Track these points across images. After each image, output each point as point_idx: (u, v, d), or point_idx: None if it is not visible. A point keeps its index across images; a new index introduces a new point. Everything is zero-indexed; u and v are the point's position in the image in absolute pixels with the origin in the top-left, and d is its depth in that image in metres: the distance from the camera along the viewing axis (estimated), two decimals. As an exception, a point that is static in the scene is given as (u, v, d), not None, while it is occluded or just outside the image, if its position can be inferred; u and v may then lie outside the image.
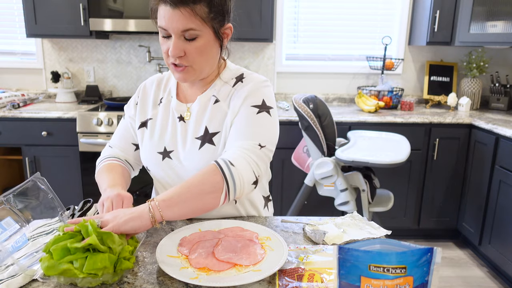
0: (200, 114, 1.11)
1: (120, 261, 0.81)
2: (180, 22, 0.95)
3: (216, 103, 1.10)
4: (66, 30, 2.73)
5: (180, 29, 0.96)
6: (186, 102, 1.14)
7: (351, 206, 2.23)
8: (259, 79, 1.11)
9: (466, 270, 2.55)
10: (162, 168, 1.13)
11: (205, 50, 1.01)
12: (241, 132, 1.03)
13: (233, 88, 1.11)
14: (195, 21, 0.96)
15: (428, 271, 0.66)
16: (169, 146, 1.12)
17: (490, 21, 2.70)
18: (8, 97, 2.78)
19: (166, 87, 1.18)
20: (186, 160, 1.10)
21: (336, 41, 3.19)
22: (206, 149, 1.08)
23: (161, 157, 1.12)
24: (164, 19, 0.97)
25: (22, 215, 0.94)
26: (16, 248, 0.89)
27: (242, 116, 1.05)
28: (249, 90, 1.07)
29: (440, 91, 3.15)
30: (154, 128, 1.15)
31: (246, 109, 1.06)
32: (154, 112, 1.16)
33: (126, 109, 1.23)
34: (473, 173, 2.65)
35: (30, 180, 0.95)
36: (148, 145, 1.14)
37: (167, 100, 1.16)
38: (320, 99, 2.40)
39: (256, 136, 1.03)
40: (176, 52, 0.98)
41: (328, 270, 0.85)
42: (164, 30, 0.99)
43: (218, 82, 1.12)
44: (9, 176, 2.96)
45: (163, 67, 3.13)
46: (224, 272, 0.84)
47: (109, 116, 2.57)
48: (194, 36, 0.98)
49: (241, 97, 1.07)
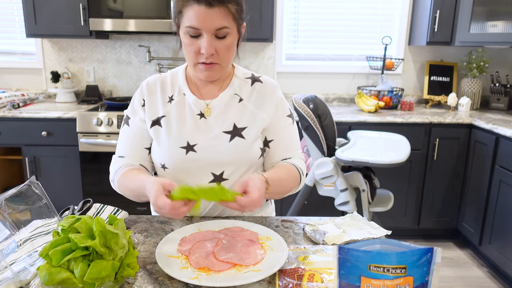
0: (223, 111, 1.15)
1: (123, 267, 0.79)
2: (216, 21, 0.99)
3: (241, 101, 1.17)
4: (66, 30, 2.73)
5: (216, 27, 1.00)
6: (204, 99, 1.16)
7: (351, 206, 2.23)
8: (275, 82, 1.23)
9: (466, 270, 2.55)
10: (185, 162, 1.12)
11: (232, 47, 1.07)
12: (291, 143, 1.21)
13: (252, 88, 1.19)
14: (228, 20, 1.01)
15: (428, 271, 0.66)
16: (192, 140, 1.12)
17: (490, 21, 2.70)
18: (8, 97, 2.78)
19: (174, 85, 1.18)
20: (214, 152, 1.12)
21: (336, 41, 3.19)
22: (236, 142, 1.13)
23: (184, 152, 1.11)
24: (196, 18, 0.99)
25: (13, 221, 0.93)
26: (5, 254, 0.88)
27: (286, 128, 1.20)
28: (278, 98, 1.20)
29: (440, 91, 3.15)
30: (170, 124, 1.13)
31: (283, 120, 1.20)
32: (166, 109, 1.15)
33: (131, 113, 1.18)
34: (473, 173, 2.65)
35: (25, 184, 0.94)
36: (167, 142, 1.12)
37: (179, 98, 1.16)
38: (320, 99, 2.40)
39: (298, 145, 1.24)
40: (210, 51, 1.02)
41: (328, 270, 0.85)
42: (194, 29, 1.00)
43: (235, 81, 1.19)
44: (9, 176, 2.96)
45: (163, 67, 3.13)
46: (224, 272, 0.84)
47: (109, 116, 2.57)
48: (226, 34, 1.02)
49: (272, 104, 1.18)
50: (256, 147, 1.15)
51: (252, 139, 1.14)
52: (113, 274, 0.77)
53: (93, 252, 0.76)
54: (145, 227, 1.09)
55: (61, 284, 0.74)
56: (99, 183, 2.66)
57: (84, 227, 0.79)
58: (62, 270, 0.74)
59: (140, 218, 1.15)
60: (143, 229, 1.08)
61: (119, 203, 1.41)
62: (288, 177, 1.12)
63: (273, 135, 1.19)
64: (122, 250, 0.79)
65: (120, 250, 0.79)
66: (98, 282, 0.75)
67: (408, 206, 2.79)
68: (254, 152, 1.15)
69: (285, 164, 1.17)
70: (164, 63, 3.16)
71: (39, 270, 0.76)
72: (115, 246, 0.78)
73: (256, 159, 1.16)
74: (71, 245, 0.76)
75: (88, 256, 0.76)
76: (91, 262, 0.75)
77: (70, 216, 0.83)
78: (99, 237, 0.77)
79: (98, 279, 0.74)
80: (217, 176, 1.14)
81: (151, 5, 2.61)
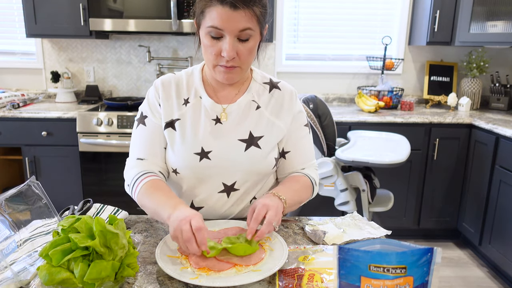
0: (240, 117, 1.12)
1: (123, 267, 0.79)
2: (241, 23, 0.96)
3: (258, 109, 1.14)
4: (66, 30, 2.73)
5: (239, 29, 0.96)
6: (220, 103, 1.12)
7: (351, 206, 2.23)
8: (293, 89, 1.20)
9: (466, 270, 2.55)
10: (198, 169, 1.09)
11: (253, 50, 1.04)
12: (308, 153, 1.20)
13: (270, 94, 1.16)
14: (252, 22, 0.98)
15: (428, 271, 0.66)
16: (206, 147, 1.08)
17: (490, 21, 2.70)
18: (8, 97, 2.78)
19: (190, 87, 1.14)
20: (228, 160, 1.09)
21: (336, 41, 3.19)
22: (252, 151, 1.10)
23: (198, 158, 1.08)
24: (219, 19, 0.95)
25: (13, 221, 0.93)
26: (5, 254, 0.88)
27: (303, 138, 1.19)
28: (296, 107, 1.18)
29: (440, 91, 3.15)
30: (184, 129, 1.10)
31: (300, 130, 1.18)
32: (181, 112, 1.11)
33: (148, 112, 1.13)
34: (473, 173, 2.65)
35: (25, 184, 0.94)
36: (181, 147, 1.09)
37: (195, 101, 1.12)
38: (320, 99, 2.40)
39: (313, 155, 1.23)
40: (232, 54, 0.98)
41: (328, 270, 0.85)
42: (217, 30, 0.97)
43: (253, 86, 1.16)
44: (9, 176, 2.96)
45: (163, 67, 3.13)
46: (224, 272, 0.84)
47: (109, 116, 2.57)
48: (249, 36, 0.99)
49: (290, 113, 1.16)
50: (271, 158, 1.12)
51: (268, 149, 1.11)
52: (113, 274, 0.77)
53: (93, 252, 0.76)
54: (145, 227, 1.09)
55: (61, 284, 0.74)
56: (99, 183, 2.66)
57: (84, 227, 0.79)
58: (62, 270, 0.74)
59: (140, 218, 1.15)
60: (143, 229, 1.08)
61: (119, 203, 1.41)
62: (301, 190, 1.13)
63: (290, 147, 1.17)
64: (122, 250, 0.79)
65: (120, 250, 0.78)
66: (98, 282, 0.75)
67: (408, 206, 2.79)
68: (269, 162, 1.12)
69: (298, 175, 1.16)
70: (164, 63, 3.16)
71: (39, 270, 0.75)
72: (115, 246, 0.77)
73: (270, 169, 1.14)
74: (71, 245, 0.76)
75: (88, 256, 0.76)
76: (91, 262, 0.75)
77: (70, 216, 0.83)
78: (99, 237, 0.76)
79: (98, 279, 0.74)
80: (228, 186, 1.11)
81: (151, 5, 2.61)
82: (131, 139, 1.16)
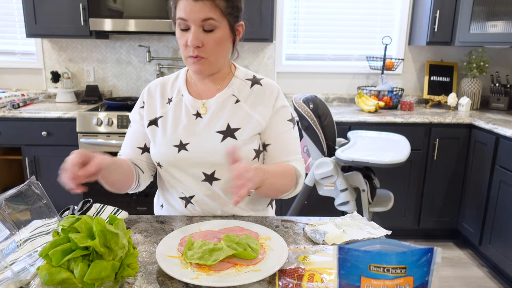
0: (218, 110, 1.16)
1: (123, 267, 0.79)
2: (202, 12, 1.01)
3: (237, 102, 1.17)
4: (66, 30, 2.73)
5: (201, 18, 1.02)
6: (201, 99, 1.18)
7: (351, 206, 2.23)
8: (275, 85, 1.22)
9: (466, 270, 2.55)
10: (177, 161, 1.15)
11: (221, 42, 1.07)
12: (291, 147, 1.20)
13: (251, 90, 1.19)
14: (215, 12, 1.03)
15: (428, 271, 0.65)
16: (185, 139, 1.14)
17: (490, 21, 2.70)
18: (8, 97, 2.78)
19: (174, 87, 1.22)
20: (205, 151, 1.13)
21: (336, 41, 3.19)
22: (228, 142, 1.13)
23: (176, 150, 1.14)
24: (184, 10, 1.02)
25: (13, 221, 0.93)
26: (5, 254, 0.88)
27: (282, 132, 1.19)
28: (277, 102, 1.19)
29: (440, 91, 3.15)
30: (166, 124, 1.17)
31: (282, 124, 1.19)
32: (164, 110, 1.19)
33: (131, 116, 1.25)
34: (473, 173, 2.65)
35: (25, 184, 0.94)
36: (161, 140, 1.16)
37: (177, 99, 1.19)
38: (320, 99, 2.40)
39: (298, 149, 1.23)
40: (195, 42, 1.04)
41: (328, 270, 0.85)
42: (183, 21, 1.04)
43: (234, 82, 1.19)
44: (9, 176, 2.96)
45: (163, 67, 3.13)
46: (224, 272, 0.84)
47: (109, 116, 2.57)
48: (213, 27, 1.04)
49: (270, 107, 1.17)
50: (249, 149, 1.15)
51: (245, 140, 1.14)
52: (113, 274, 0.77)
53: (93, 252, 0.76)
54: (145, 227, 1.09)
55: (61, 284, 0.74)
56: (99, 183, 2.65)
57: (84, 227, 0.78)
58: (62, 270, 0.74)
59: (140, 218, 1.16)
60: (143, 229, 1.08)
61: (119, 203, 1.41)
62: (285, 174, 1.12)
63: (270, 139, 1.19)
64: (122, 250, 0.79)
65: (120, 250, 0.78)
66: (98, 283, 0.75)
67: (408, 206, 2.79)
68: (246, 153, 1.14)
69: (284, 162, 1.18)
70: (164, 63, 3.16)
71: (39, 270, 0.75)
72: (115, 246, 0.77)
73: (249, 160, 1.15)
74: (71, 245, 0.76)
75: (88, 256, 0.76)
76: (91, 262, 0.75)
77: (70, 216, 0.83)
78: (99, 237, 0.76)
79: (98, 280, 0.74)
80: (209, 176, 1.15)
81: (151, 5, 2.61)
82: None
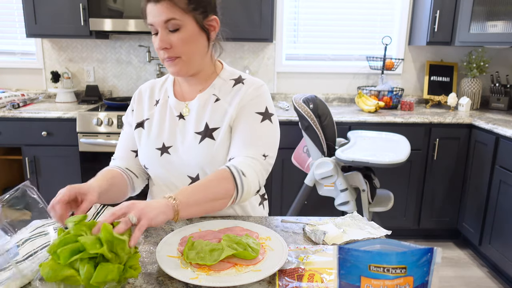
0: (200, 111, 1.14)
1: (126, 269, 0.79)
2: (163, 14, 1.01)
3: (217, 101, 1.14)
4: (66, 30, 2.73)
5: (163, 20, 1.02)
6: (184, 100, 1.17)
7: (351, 206, 2.23)
8: (259, 83, 1.16)
9: (466, 270, 2.55)
10: (160, 164, 1.15)
11: (189, 40, 1.05)
12: (248, 141, 1.08)
13: (232, 89, 1.16)
14: (175, 12, 1.01)
15: (428, 271, 0.65)
16: (167, 142, 1.15)
17: (490, 21, 2.70)
18: (8, 97, 2.78)
19: (162, 89, 1.22)
20: (185, 154, 1.12)
21: (336, 41, 3.19)
22: (206, 143, 1.11)
23: (159, 153, 1.14)
24: (149, 15, 1.04)
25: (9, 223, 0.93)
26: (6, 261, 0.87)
27: (248, 123, 1.09)
28: (253, 95, 1.12)
29: (440, 91, 3.15)
30: (151, 127, 1.18)
31: (250, 116, 1.10)
32: (151, 112, 1.20)
33: (124, 119, 1.26)
34: (473, 173, 2.65)
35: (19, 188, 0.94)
36: (146, 143, 1.17)
37: (163, 100, 1.19)
38: (320, 99, 2.40)
39: (261, 146, 1.08)
40: (162, 44, 1.03)
41: (328, 270, 0.85)
42: (151, 26, 1.05)
43: (217, 82, 1.17)
44: (9, 176, 2.96)
45: (163, 67, 3.13)
46: (224, 272, 0.84)
47: (109, 116, 2.57)
48: (177, 26, 1.03)
49: (244, 99, 1.12)
50: (227, 149, 1.11)
51: (221, 140, 1.10)
52: (118, 276, 0.77)
53: (101, 255, 0.77)
54: (145, 227, 1.09)
55: (64, 281, 0.75)
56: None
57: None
58: (66, 267, 0.75)
59: (140, 218, 1.15)
60: (143, 229, 1.08)
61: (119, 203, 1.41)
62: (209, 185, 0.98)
63: (234, 130, 1.11)
64: (128, 255, 0.80)
65: (126, 255, 0.79)
66: (105, 285, 0.75)
67: (408, 206, 2.79)
68: (225, 153, 1.11)
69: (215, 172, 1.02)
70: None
71: (41, 267, 0.76)
72: (122, 252, 0.78)
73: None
74: (80, 246, 0.76)
75: (95, 259, 0.76)
76: (97, 264, 0.75)
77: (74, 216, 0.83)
78: (106, 244, 0.76)
79: (103, 283, 0.75)
80: (194, 179, 1.13)
81: (151, 5, 2.60)
82: None
